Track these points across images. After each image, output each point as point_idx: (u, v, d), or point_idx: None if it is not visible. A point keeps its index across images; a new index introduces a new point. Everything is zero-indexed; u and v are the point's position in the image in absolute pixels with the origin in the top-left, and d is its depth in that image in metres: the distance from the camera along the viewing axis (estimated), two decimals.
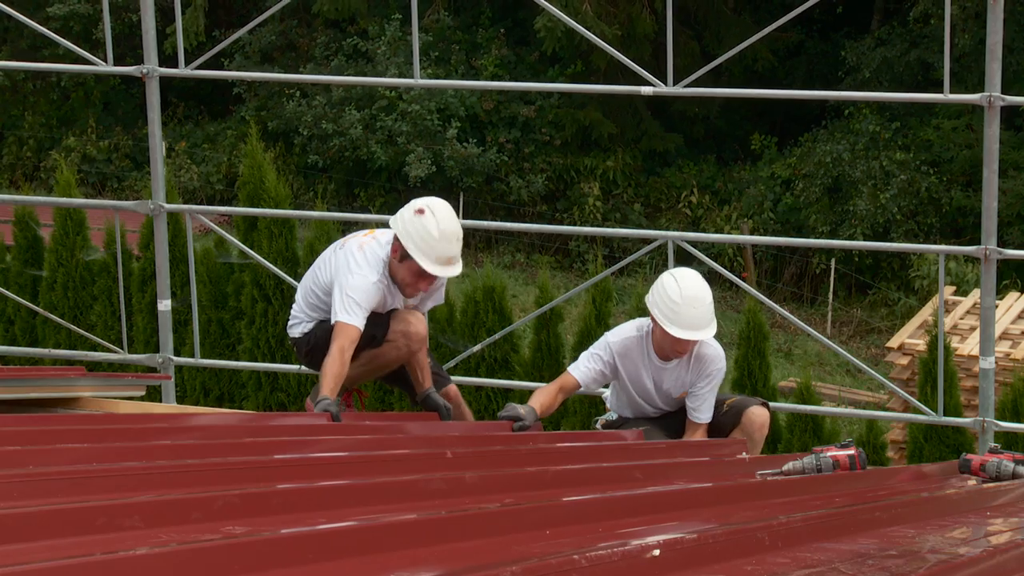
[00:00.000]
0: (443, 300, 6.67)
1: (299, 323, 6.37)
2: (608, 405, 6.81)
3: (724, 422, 6.42)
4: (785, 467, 4.88)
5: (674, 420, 6.50)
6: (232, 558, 2.41)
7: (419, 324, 6.16)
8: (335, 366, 5.77)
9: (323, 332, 6.12)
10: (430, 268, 5.91)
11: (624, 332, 6.41)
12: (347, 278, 5.92)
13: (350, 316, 5.85)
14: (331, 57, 28.30)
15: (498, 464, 4.48)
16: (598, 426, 6.80)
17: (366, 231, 6.31)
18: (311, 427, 5.24)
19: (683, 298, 6.08)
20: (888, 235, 24.48)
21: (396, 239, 5.97)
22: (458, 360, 9.40)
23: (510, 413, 5.96)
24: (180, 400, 11.40)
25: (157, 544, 2.51)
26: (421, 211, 5.91)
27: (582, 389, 6.48)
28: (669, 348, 6.24)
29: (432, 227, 5.87)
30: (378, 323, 6.05)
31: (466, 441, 5.41)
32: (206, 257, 12.42)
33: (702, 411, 6.37)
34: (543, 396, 6.23)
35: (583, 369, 6.36)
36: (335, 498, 3.28)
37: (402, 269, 6.00)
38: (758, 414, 6.44)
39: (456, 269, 5.99)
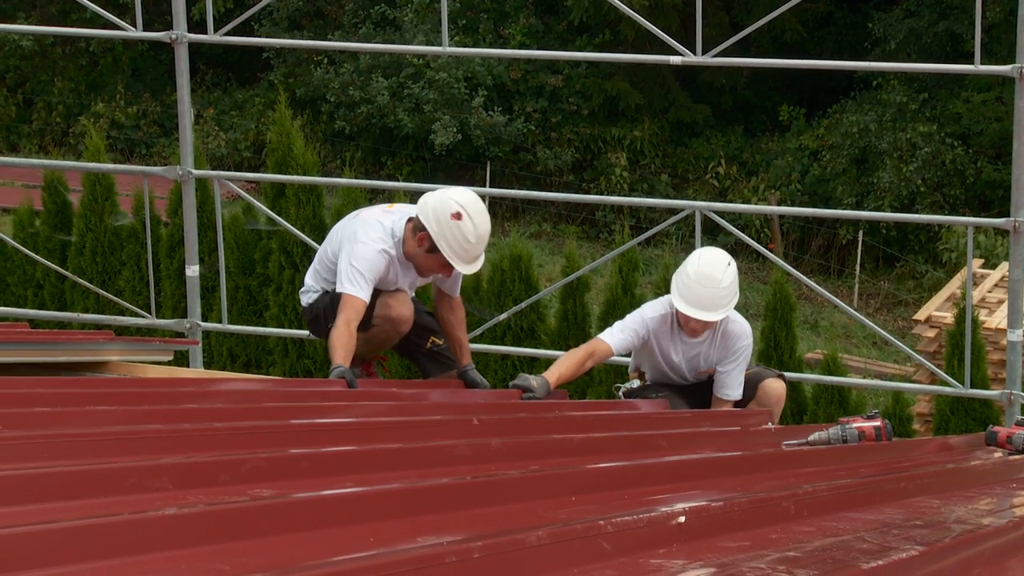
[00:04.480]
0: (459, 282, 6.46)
1: (307, 291, 6.27)
2: (632, 369, 6.76)
3: None
4: (810, 438, 4.89)
5: (697, 393, 6.49)
6: (259, 520, 2.43)
7: (400, 307, 6.03)
8: (343, 338, 5.65)
9: (324, 304, 6.06)
10: (462, 268, 5.86)
11: (658, 309, 6.34)
12: (354, 247, 5.83)
13: (355, 287, 5.75)
14: (359, 24, 28.29)
15: (524, 431, 4.49)
16: (620, 395, 6.77)
17: (387, 204, 6.22)
18: (337, 393, 5.25)
19: (697, 275, 6.07)
20: (913, 207, 24.34)
21: (424, 231, 5.82)
22: (484, 328, 9.40)
23: (521, 383, 5.89)
24: (207, 366, 11.46)
25: (185, 505, 2.53)
26: (458, 216, 5.77)
27: (612, 357, 6.45)
28: (683, 322, 6.22)
29: (469, 233, 5.77)
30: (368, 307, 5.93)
31: (492, 408, 5.41)
32: (234, 223, 12.46)
33: (731, 388, 6.34)
34: (566, 363, 6.12)
35: (619, 338, 6.27)
36: (362, 463, 3.29)
37: (428, 259, 5.89)
38: (775, 387, 6.42)
39: (481, 263, 5.95)
